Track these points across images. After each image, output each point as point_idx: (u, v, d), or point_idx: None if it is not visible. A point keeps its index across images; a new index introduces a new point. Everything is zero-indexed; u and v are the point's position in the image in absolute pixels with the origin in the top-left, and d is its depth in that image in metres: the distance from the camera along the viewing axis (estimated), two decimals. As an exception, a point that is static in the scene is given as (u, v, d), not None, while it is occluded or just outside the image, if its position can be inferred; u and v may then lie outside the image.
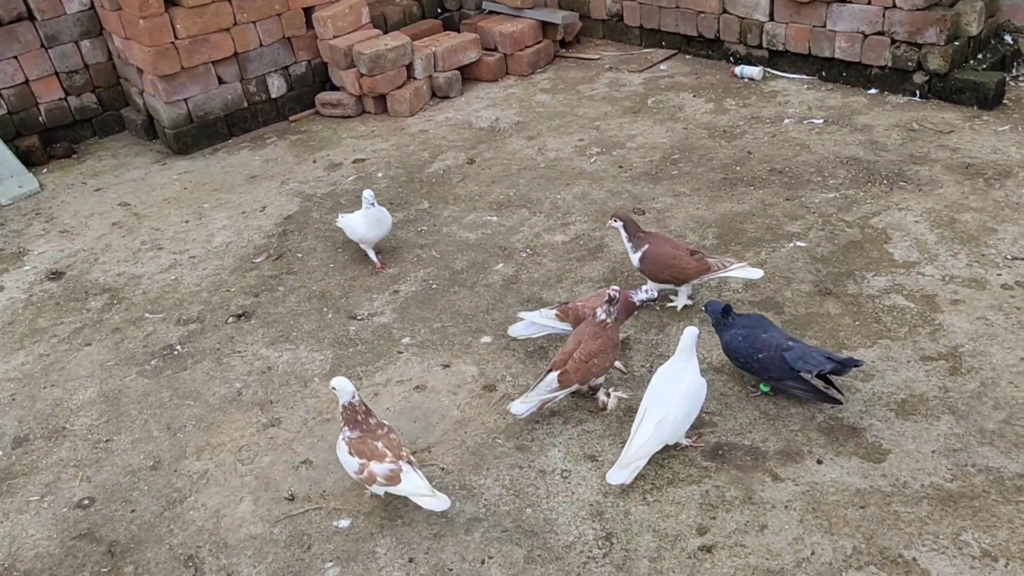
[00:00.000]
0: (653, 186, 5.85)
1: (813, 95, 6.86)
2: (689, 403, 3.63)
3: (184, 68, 6.90)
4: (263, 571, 3.43)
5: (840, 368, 3.74)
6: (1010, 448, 3.59)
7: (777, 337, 3.81)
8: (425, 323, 4.77)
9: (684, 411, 3.61)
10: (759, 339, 3.81)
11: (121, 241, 5.97)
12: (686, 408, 3.61)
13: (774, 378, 3.84)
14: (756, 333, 3.83)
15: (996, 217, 5.05)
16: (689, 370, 3.66)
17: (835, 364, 3.72)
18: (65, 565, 3.55)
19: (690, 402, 3.63)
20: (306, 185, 6.46)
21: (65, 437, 4.24)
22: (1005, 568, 3.12)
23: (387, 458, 3.47)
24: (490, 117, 7.22)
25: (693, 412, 3.66)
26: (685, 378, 3.64)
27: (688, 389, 3.63)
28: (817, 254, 4.93)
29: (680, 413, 3.59)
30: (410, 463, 3.49)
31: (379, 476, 3.45)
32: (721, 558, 3.29)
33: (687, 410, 3.62)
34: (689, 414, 3.64)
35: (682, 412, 3.60)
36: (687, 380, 3.64)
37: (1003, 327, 4.23)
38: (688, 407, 3.62)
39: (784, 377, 3.80)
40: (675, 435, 3.64)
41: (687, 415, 3.63)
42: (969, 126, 6.08)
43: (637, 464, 3.58)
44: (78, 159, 7.30)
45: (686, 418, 3.63)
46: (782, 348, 3.76)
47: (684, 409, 3.60)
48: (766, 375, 3.85)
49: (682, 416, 3.60)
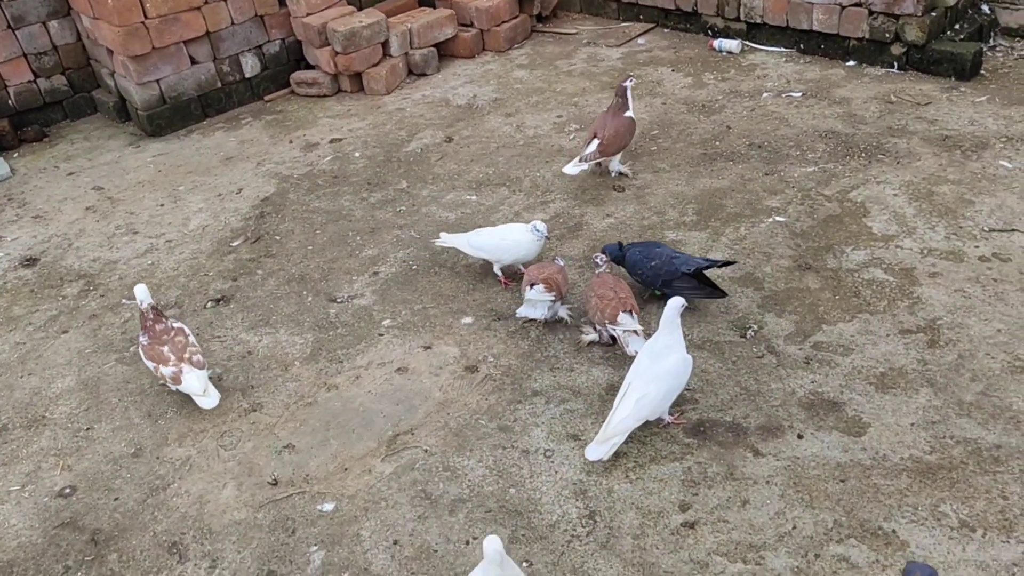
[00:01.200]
0: (632, 162, 5.83)
1: (791, 68, 6.85)
2: (671, 381, 3.64)
3: (155, 48, 6.78)
4: (248, 556, 3.43)
5: (713, 264, 4.36)
6: (987, 419, 3.63)
7: (666, 251, 4.44)
8: (406, 304, 4.75)
9: (665, 389, 3.62)
10: (652, 252, 4.44)
11: (96, 226, 5.89)
12: (667, 386, 3.63)
13: (666, 282, 4.36)
14: (650, 249, 4.46)
15: (973, 189, 5.08)
16: (674, 347, 3.66)
17: (710, 262, 4.38)
18: (48, 555, 3.53)
19: (672, 380, 3.64)
20: (283, 166, 6.39)
21: (45, 426, 4.20)
22: (983, 538, 3.17)
23: (171, 361, 4.01)
24: (467, 94, 7.16)
25: (675, 390, 3.68)
26: (670, 357, 3.65)
27: (671, 368, 3.63)
28: (796, 229, 4.94)
29: (661, 391, 3.60)
30: (193, 363, 4.01)
31: (167, 377, 4.02)
32: (704, 534, 3.32)
33: (668, 388, 3.63)
34: (670, 392, 3.66)
35: (663, 390, 3.61)
36: (671, 359, 3.65)
37: (980, 299, 4.26)
38: (669, 385, 3.64)
39: (672, 279, 4.34)
40: (655, 412, 3.66)
41: (668, 393, 3.65)
42: (947, 97, 6.10)
43: (616, 440, 3.60)
44: (50, 143, 7.18)
45: (667, 396, 3.65)
46: (671, 257, 4.39)
47: (665, 387, 3.62)
48: (659, 280, 4.39)
49: (663, 394, 3.62)
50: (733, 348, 4.17)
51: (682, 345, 3.70)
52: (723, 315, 4.39)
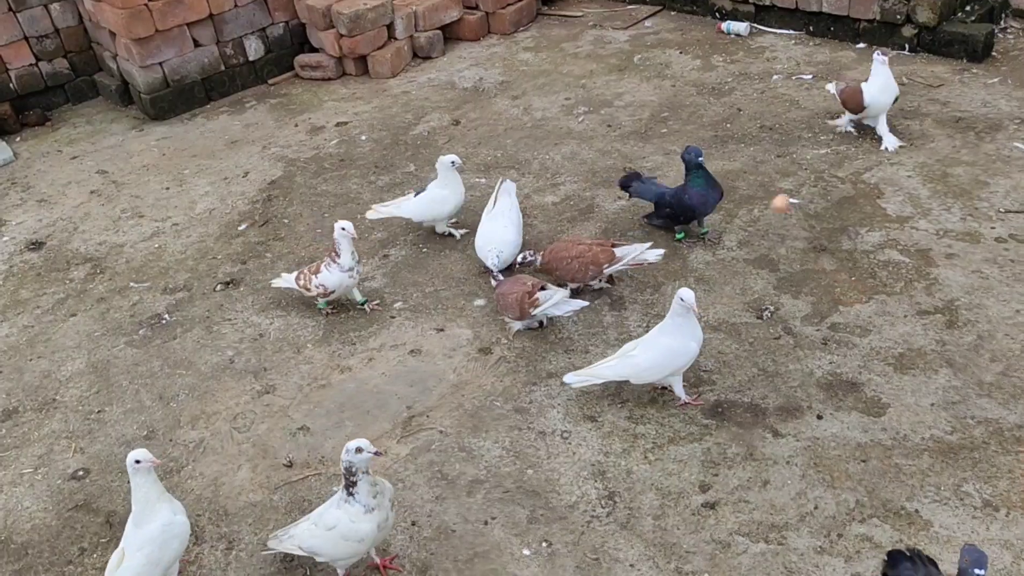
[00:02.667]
0: (643, 145, 5.79)
1: (801, 50, 6.80)
2: (662, 356, 3.62)
3: (158, 31, 6.71)
4: (264, 537, 3.39)
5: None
6: (1008, 399, 3.61)
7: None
8: (417, 287, 4.71)
9: (652, 359, 3.62)
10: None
11: (100, 209, 5.83)
12: (656, 358, 3.62)
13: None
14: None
15: (988, 170, 5.05)
16: (679, 331, 3.61)
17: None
18: (63, 536, 3.50)
19: (662, 356, 3.62)
20: (288, 149, 6.33)
21: (56, 409, 4.17)
22: (1006, 517, 3.15)
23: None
24: (474, 77, 7.09)
25: (664, 366, 3.63)
26: (672, 334, 3.62)
27: (668, 344, 3.62)
28: (810, 210, 4.91)
29: (647, 360, 3.62)
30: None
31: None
32: (725, 514, 3.30)
33: (656, 360, 3.62)
34: (657, 365, 3.63)
35: (649, 360, 3.62)
36: (670, 337, 3.62)
37: (998, 280, 4.24)
38: (657, 358, 3.62)
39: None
40: (637, 377, 3.67)
41: (654, 365, 3.63)
42: (959, 79, 6.05)
43: (591, 380, 3.71)
44: (52, 127, 7.11)
45: (653, 367, 3.63)
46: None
47: (653, 358, 3.62)
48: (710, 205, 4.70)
49: (648, 363, 3.62)
50: (750, 329, 4.15)
51: (686, 334, 3.61)
52: (739, 296, 4.36)
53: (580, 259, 4.28)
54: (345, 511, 3.02)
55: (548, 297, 4.15)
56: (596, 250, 4.30)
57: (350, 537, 3.02)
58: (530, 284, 4.16)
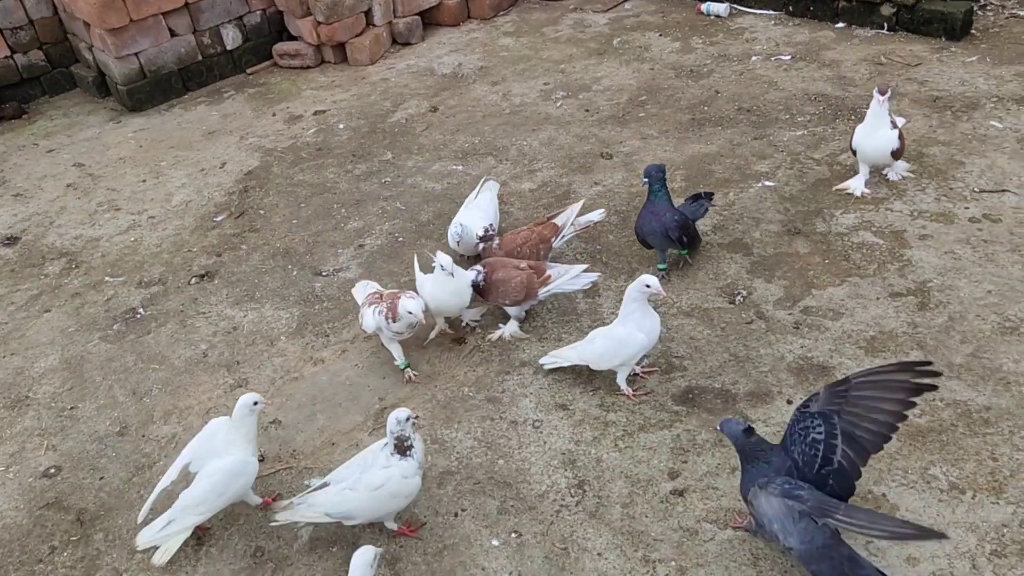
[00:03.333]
0: (620, 129, 5.76)
1: (780, 31, 6.75)
2: (612, 345, 3.69)
3: (133, 20, 6.65)
4: (235, 533, 3.40)
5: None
6: (977, 381, 3.61)
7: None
8: (392, 277, 4.69)
9: (603, 347, 3.71)
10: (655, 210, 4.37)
11: (77, 203, 5.80)
12: (607, 345, 3.70)
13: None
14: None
15: (964, 150, 5.02)
16: (632, 320, 3.66)
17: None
18: (33, 535, 3.50)
19: (612, 344, 3.69)
20: (266, 139, 6.30)
21: (28, 406, 4.16)
22: (972, 500, 3.15)
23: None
24: (453, 63, 7.05)
25: (616, 353, 3.69)
26: (625, 323, 3.68)
27: (619, 334, 3.68)
28: (785, 193, 4.89)
29: (599, 347, 3.72)
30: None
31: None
32: (693, 501, 3.30)
33: (607, 348, 3.70)
34: (609, 352, 3.70)
35: (600, 348, 3.72)
36: (622, 326, 3.69)
37: (971, 260, 4.23)
38: (608, 346, 3.70)
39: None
40: (595, 363, 3.76)
41: (606, 352, 3.71)
42: (937, 58, 6.02)
43: (558, 361, 3.87)
44: (28, 119, 7.06)
45: (605, 354, 3.72)
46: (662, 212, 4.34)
47: (604, 345, 3.71)
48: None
49: (600, 350, 3.72)
50: (722, 314, 4.14)
51: (636, 323, 3.65)
52: (712, 281, 4.35)
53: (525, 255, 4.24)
54: (399, 467, 3.14)
55: (562, 272, 4.10)
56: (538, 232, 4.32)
57: (399, 494, 3.16)
58: (524, 264, 4.10)
